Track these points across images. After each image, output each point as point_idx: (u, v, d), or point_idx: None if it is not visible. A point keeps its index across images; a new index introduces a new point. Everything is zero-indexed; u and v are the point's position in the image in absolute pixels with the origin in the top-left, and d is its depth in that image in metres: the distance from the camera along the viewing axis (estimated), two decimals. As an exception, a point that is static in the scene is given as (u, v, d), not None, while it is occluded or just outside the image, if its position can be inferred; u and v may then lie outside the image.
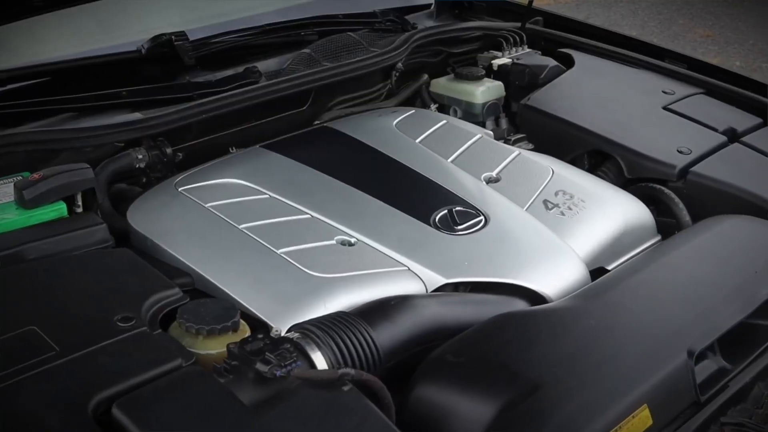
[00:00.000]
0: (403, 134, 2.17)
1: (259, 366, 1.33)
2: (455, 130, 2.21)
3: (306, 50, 2.41)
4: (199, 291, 1.68)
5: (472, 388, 1.38)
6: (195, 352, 1.45)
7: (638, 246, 1.93)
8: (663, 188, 2.07)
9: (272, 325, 1.55)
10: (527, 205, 1.92)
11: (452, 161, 2.07)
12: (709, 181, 2.03)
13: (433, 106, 2.56)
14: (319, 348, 1.41)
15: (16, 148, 1.87)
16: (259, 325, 1.57)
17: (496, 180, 2.01)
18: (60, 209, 1.76)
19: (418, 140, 2.15)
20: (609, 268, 1.83)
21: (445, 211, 1.86)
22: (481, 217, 1.85)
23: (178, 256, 1.72)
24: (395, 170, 2.00)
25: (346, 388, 1.33)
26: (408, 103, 2.59)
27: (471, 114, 2.50)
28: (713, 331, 1.49)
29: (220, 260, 1.70)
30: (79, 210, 1.80)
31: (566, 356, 1.42)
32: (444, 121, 2.25)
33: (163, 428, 1.25)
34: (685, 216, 2.03)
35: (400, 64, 2.50)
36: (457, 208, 1.87)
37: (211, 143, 2.17)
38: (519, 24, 2.79)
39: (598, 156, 2.24)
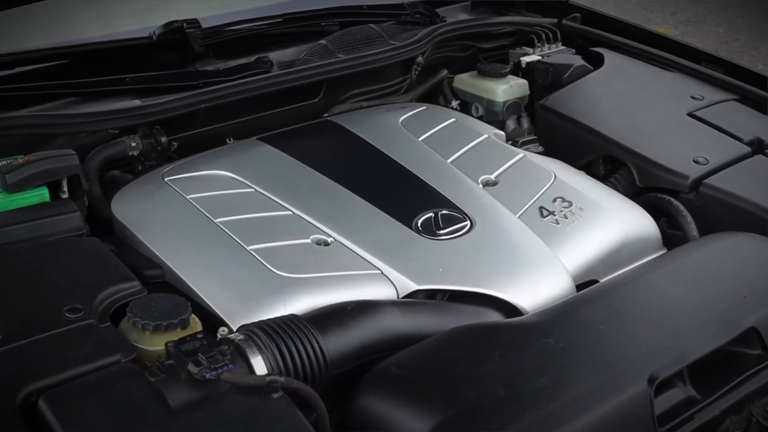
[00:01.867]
0: (407, 131, 2.12)
1: (190, 367, 1.31)
2: (462, 129, 2.14)
3: (322, 41, 2.37)
4: (169, 284, 1.67)
5: (410, 403, 1.33)
6: (141, 348, 1.44)
7: (639, 259, 1.84)
8: (671, 199, 1.96)
9: (229, 323, 1.53)
10: (521, 212, 1.85)
11: (452, 162, 2.01)
12: (722, 194, 1.92)
13: (455, 102, 2.49)
14: (261, 352, 1.38)
15: (11, 131, 1.89)
16: (218, 323, 1.55)
17: (494, 183, 1.94)
18: (42, 194, 1.76)
19: (421, 138, 2.09)
20: (601, 281, 1.74)
21: (431, 214, 1.80)
22: (467, 222, 1.79)
23: (151, 247, 1.71)
24: (389, 169, 1.95)
25: (275, 396, 1.30)
26: (429, 98, 2.53)
27: (492, 112, 2.43)
28: (683, 357, 1.40)
29: (189, 254, 1.68)
30: (65, 196, 1.80)
31: (514, 376, 1.35)
32: (452, 120, 2.19)
33: (84, 425, 1.23)
34: (693, 230, 1.92)
35: (420, 58, 2.44)
36: (443, 212, 1.81)
37: (216, 133, 2.16)
38: (556, 20, 2.69)
39: (614, 162, 2.14)
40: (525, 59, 2.52)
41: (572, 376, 1.35)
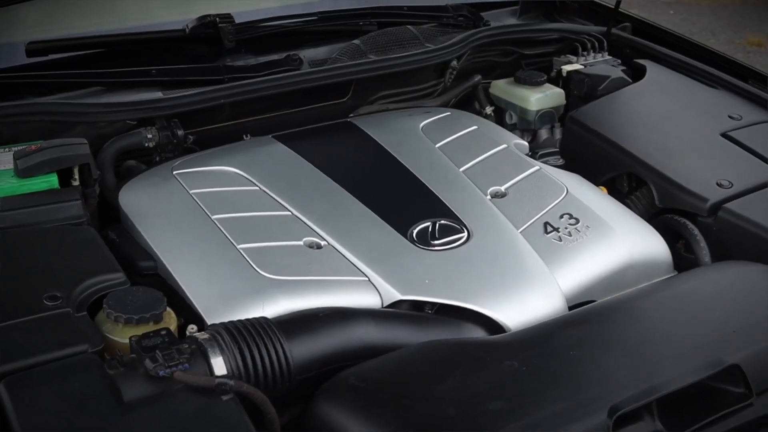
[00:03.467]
0: (425, 137, 2.10)
1: (147, 363, 1.33)
2: (481, 138, 2.11)
3: (356, 41, 2.37)
4: (161, 277, 1.69)
5: (360, 415, 1.32)
6: (113, 339, 1.47)
7: (644, 282, 1.78)
8: (687, 222, 1.89)
9: (207, 320, 1.55)
10: (524, 226, 1.81)
11: (464, 170, 1.98)
12: (740, 220, 1.84)
13: (489, 109, 2.46)
14: (222, 353, 1.39)
15: (31, 117, 1.94)
16: (198, 319, 1.57)
17: (503, 195, 1.91)
18: (51, 181, 1.81)
19: (438, 145, 2.07)
20: (587, 305, 1.69)
21: (428, 223, 1.78)
22: (464, 234, 1.76)
23: (147, 239, 1.74)
24: (397, 175, 1.94)
25: (225, 398, 1.31)
26: (465, 103, 2.50)
27: (524, 120, 2.39)
28: (652, 390, 1.35)
29: (181, 248, 1.70)
30: (76, 183, 1.85)
31: (469, 397, 1.32)
32: (474, 127, 2.16)
33: (37, 412, 1.26)
34: (705, 256, 1.85)
35: (455, 62, 2.41)
36: (441, 222, 1.79)
37: (240, 128, 2.18)
38: (605, 29, 2.62)
39: (638, 180, 2.08)
40: (566, 68, 2.47)
41: (529, 402, 1.32)
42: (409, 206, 1.84)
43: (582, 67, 2.47)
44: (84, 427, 1.25)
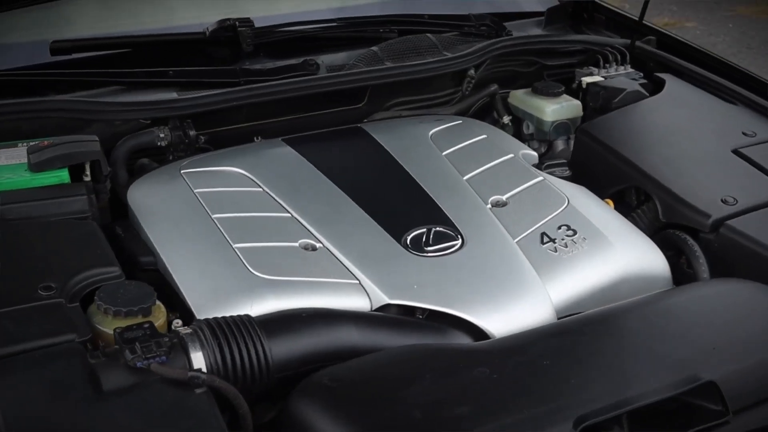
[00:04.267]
0: (433, 144, 2.12)
1: (126, 354, 1.37)
2: (489, 147, 2.12)
3: (374, 48, 2.40)
4: (159, 272, 1.74)
5: (328, 414, 1.35)
6: (102, 331, 1.51)
7: (639, 296, 1.78)
8: (687, 237, 1.88)
9: (197, 315, 1.59)
10: (521, 236, 1.82)
11: (467, 179, 1.99)
12: (741, 237, 1.82)
13: (506, 118, 2.47)
14: (202, 347, 1.43)
15: (50, 113, 2.01)
16: (190, 315, 1.61)
17: (503, 204, 1.92)
18: (61, 176, 1.87)
19: (445, 153, 2.09)
20: (568, 317, 1.70)
21: (423, 230, 1.80)
22: (458, 242, 1.78)
23: (149, 235, 1.79)
24: (399, 182, 1.96)
25: (198, 391, 1.34)
26: (482, 112, 2.51)
27: (540, 131, 2.40)
28: (622, 403, 1.35)
29: (179, 245, 1.75)
30: (87, 179, 1.91)
31: (436, 402, 1.34)
32: (483, 136, 2.17)
33: (15, 397, 1.31)
34: (703, 272, 1.84)
35: (472, 71, 2.43)
36: (436, 229, 1.80)
37: (254, 130, 2.22)
38: (629, 41, 2.62)
39: (646, 194, 2.07)
40: (586, 80, 2.47)
41: (494, 408, 1.33)
42: (406, 212, 1.86)
43: (602, 79, 2.46)
44: (60, 412, 1.29)
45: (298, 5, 2.56)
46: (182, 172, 1.95)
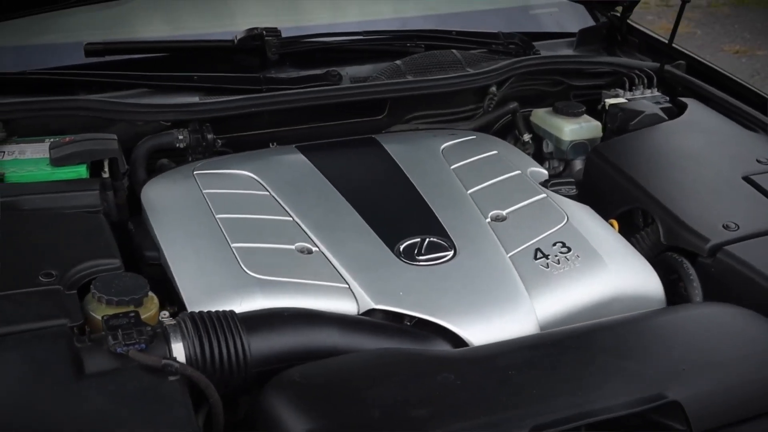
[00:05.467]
0: (442, 158, 2.16)
1: (108, 340, 1.45)
2: (497, 162, 2.15)
3: (397, 62, 2.46)
4: (161, 266, 1.82)
5: (293, 408, 1.40)
6: (95, 318, 1.59)
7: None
8: (683, 260, 1.89)
9: (189, 309, 1.65)
10: (516, 250, 1.85)
11: (471, 193, 2.03)
12: (738, 263, 1.82)
13: (527, 136, 2.50)
14: (183, 339, 1.49)
15: (78, 112, 2.11)
16: (183, 308, 1.68)
17: (503, 219, 1.95)
18: (79, 171, 1.97)
19: (453, 167, 2.13)
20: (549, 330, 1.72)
21: (417, 239, 1.84)
22: (449, 252, 1.82)
23: (156, 231, 1.87)
24: (402, 192, 2.01)
25: (172, 378, 1.41)
26: (505, 130, 2.55)
27: (559, 150, 2.43)
28: (581, 415, 1.37)
29: (181, 242, 1.82)
30: (105, 175, 2.00)
31: (396, 403, 1.38)
32: (494, 152, 2.20)
33: (4, 372, 1.40)
34: (696, 296, 1.84)
35: (493, 89, 2.46)
36: (430, 239, 1.84)
37: (274, 137, 2.30)
38: (658, 65, 2.63)
39: (652, 217, 2.08)
40: (609, 101, 2.48)
41: (453, 413, 1.36)
42: (404, 222, 1.90)
43: (625, 101, 2.47)
44: (40, 390, 1.37)
45: (329, 17, 2.63)
46: (195, 173, 2.03)
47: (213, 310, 1.59)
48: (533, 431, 1.34)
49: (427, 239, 1.85)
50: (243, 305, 1.65)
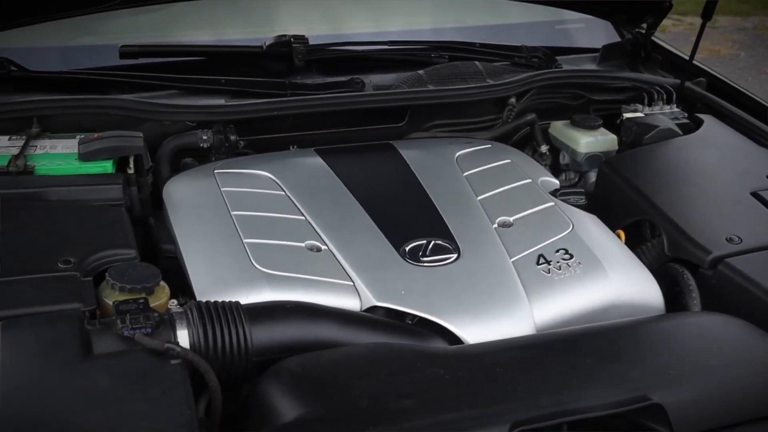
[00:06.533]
0: (456, 165, 2.22)
1: (118, 323, 1.53)
2: (509, 171, 2.21)
3: (420, 71, 2.52)
4: (177, 258, 1.90)
5: (287, 395, 1.46)
6: (108, 304, 1.68)
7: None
8: (684, 271, 1.92)
9: (198, 299, 1.73)
10: (519, 256, 1.90)
11: (480, 199, 2.08)
12: (737, 276, 1.85)
13: (544, 147, 2.55)
14: (188, 326, 1.57)
15: (109, 110, 2.22)
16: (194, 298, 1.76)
17: (509, 225, 2.00)
18: (105, 166, 2.07)
19: (466, 173, 2.18)
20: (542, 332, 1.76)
21: (423, 241, 1.90)
22: (453, 255, 1.87)
23: (174, 226, 1.96)
24: (413, 196, 2.07)
25: (173, 362, 1.48)
26: (524, 141, 2.60)
27: (575, 162, 2.47)
28: (561, 413, 1.42)
29: (196, 236, 1.91)
30: (131, 171, 2.10)
31: (385, 394, 1.44)
32: (507, 160, 2.26)
33: (15, 349, 1.48)
34: (695, 306, 1.87)
35: (512, 100, 2.52)
36: (436, 242, 1.90)
37: (297, 140, 2.38)
38: (678, 82, 2.66)
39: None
40: (627, 115, 2.53)
41: (438, 405, 1.42)
42: (412, 225, 1.96)
43: (642, 115, 2.51)
44: (50, 368, 1.46)
45: (358, 26, 2.71)
46: (215, 171, 2.12)
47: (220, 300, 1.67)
48: (514, 426, 1.38)
49: (433, 242, 1.91)
50: (250, 297, 1.72)
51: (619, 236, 2.08)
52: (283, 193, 2.06)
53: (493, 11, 2.98)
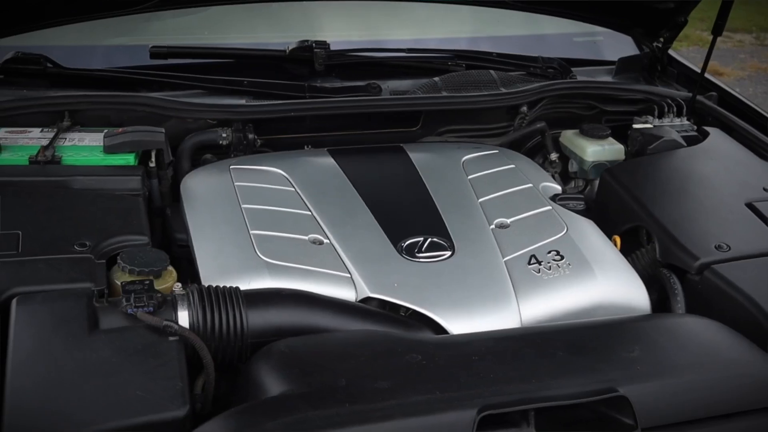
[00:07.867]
0: (462, 169, 2.31)
1: (123, 302, 1.65)
2: (512, 175, 2.30)
3: (436, 78, 2.62)
4: (188, 247, 2.03)
5: (273, 374, 1.57)
6: (118, 284, 1.80)
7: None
8: (671, 275, 1.99)
9: (205, 284, 1.85)
10: (512, 255, 1.99)
11: (481, 201, 2.17)
12: (722, 282, 1.91)
13: (554, 155, 2.63)
14: (189, 307, 1.69)
15: (136, 107, 2.35)
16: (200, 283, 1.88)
17: (506, 226, 2.09)
18: (127, 159, 2.20)
19: (470, 177, 2.28)
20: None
21: (420, 239, 2.00)
22: (448, 252, 1.97)
23: (187, 217, 2.08)
24: (416, 197, 2.17)
25: (172, 339, 1.60)
26: (535, 149, 2.68)
27: (582, 170, 2.55)
28: (527, 399, 1.50)
29: (206, 226, 2.03)
30: (152, 165, 2.23)
31: (363, 375, 1.54)
32: (511, 165, 2.34)
33: (29, 322, 1.62)
34: (679, 309, 1.94)
35: (524, 108, 2.60)
36: (432, 239, 2.00)
37: (313, 140, 2.49)
38: (690, 95, 2.73)
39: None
40: (636, 126, 2.60)
41: (411, 388, 1.51)
42: (411, 223, 2.06)
43: (651, 127, 2.58)
44: (58, 340, 1.58)
45: (378, 34, 2.81)
46: (231, 167, 2.24)
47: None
48: (482, 410, 1.47)
49: (429, 239, 2.00)
50: (251, 284, 1.83)
51: (614, 241, 2.15)
52: (292, 189, 2.17)
53: (516, 23, 3.06)
